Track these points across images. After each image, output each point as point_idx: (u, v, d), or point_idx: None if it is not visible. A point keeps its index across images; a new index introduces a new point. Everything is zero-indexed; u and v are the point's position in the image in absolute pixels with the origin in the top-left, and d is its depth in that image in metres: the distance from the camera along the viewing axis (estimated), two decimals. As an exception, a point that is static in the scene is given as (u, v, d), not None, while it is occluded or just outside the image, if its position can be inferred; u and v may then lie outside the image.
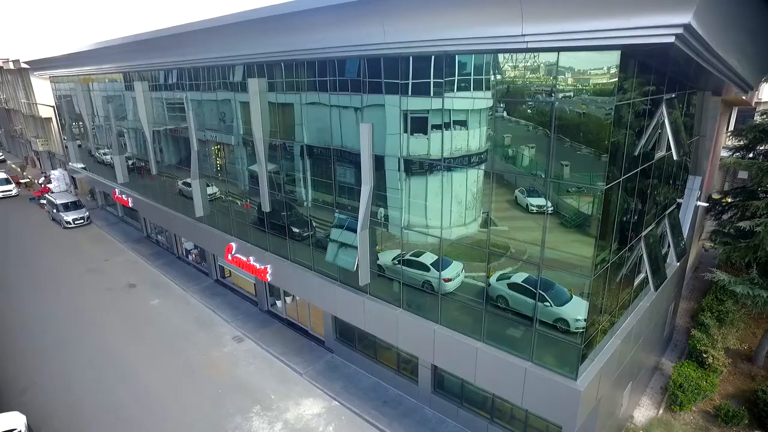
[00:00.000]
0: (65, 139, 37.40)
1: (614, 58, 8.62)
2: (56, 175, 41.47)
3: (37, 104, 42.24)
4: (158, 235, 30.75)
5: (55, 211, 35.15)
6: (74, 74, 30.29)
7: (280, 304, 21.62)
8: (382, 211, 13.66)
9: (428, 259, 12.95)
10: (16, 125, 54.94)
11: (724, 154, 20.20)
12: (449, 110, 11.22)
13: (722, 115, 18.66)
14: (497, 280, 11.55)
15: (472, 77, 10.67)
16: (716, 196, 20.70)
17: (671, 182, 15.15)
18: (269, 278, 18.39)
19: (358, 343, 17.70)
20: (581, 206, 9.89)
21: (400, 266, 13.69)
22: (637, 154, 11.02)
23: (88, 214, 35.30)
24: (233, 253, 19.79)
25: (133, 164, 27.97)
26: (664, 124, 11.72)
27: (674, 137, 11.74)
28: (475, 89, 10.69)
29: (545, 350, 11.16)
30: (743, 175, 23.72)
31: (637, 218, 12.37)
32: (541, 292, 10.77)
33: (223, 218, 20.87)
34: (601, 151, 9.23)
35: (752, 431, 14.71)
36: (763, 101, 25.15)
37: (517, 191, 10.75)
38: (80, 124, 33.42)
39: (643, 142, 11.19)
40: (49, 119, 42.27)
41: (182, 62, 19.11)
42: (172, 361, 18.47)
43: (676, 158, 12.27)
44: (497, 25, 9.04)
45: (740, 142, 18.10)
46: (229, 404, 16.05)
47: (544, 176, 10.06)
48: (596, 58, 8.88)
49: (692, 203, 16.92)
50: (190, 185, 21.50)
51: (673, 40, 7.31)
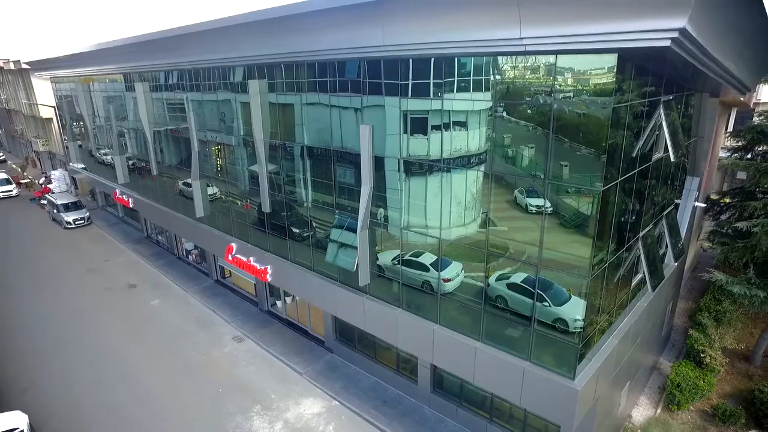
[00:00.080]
0: (66, 139, 37.39)
1: (611, 60, 8.70)
2: (57, 175, 41.48)
3: (37, 104, 42.23)
4: (158, 235, 30.78)
5: (55, 211, 35.16)
6: (75, 75, 30.32)
7: (280, 304, 21.67)
8: (381, 211, 13.73)
9: (428, 259, 13.02)
10: (16, 125, 54.93)
11: (722, 155, 20.30)
12: (449, 111, 11.28)
13: (721, 116, 18.72)
14: (496, 280, 11.63)
15: (471, 78, 10.73)
16: (714, 196, 20.80)
17: (669, 183, 15.22)
18: (269, 278, 18.45)
19: (357, 343, 17.76)
20: (580, 207, 9.95)
21: (399, 266, 13.76)
22: (635, 155, 11.09)
23: (88, 214, 35.33)
24: (233, 253, 19.84)
25: (133, 165, 27.99)
26: (662, 125, 11.77)
27: (672, 139, 11.81)
28: (474, 90, 10.75)
29: (543, 350, 11.24)
30: (742, 175, 23.80)
31: (635, 219, 12.44)
32: (539, 292, 10.84)
33: (223, 219, 20.92)
34: (599, 152, 9.31)
35: (749, 430, 14.79)
36: (761, 102, 25.28)
37: (516, 191, 10.82)
38: (81, 124, 33.41)
39: (641, 143, 11.26)
40: (49, 119, 42.27)
41: (184, 63, 19.15)
42: (172, 361, 18.53)
43: (673, 159, 12.33)
44: (495, 28, 9.11)
45: (738, 143, 18.21)
46: (229, 404, 16.12)
47: (543, 177, 10.14)
48: (594, 58, 8.95)
49: (690, 204, 16.99)
50: (190, 186, 21.55)
51: (668, 44, 7.39)
